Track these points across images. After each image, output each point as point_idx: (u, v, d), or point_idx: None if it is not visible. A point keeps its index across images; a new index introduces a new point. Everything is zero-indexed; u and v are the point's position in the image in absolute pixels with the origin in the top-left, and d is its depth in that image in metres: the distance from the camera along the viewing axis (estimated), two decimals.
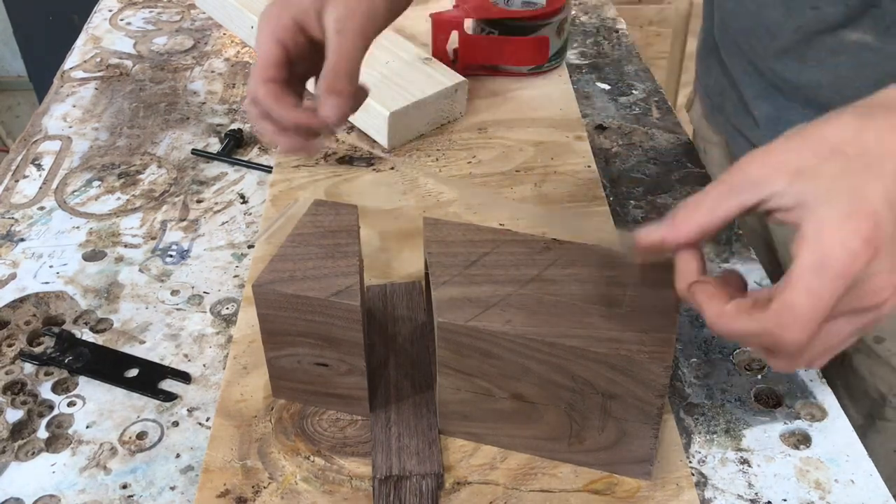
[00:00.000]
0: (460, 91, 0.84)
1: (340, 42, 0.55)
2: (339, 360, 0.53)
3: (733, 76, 0.79)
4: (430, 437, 0.53)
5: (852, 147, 0.40)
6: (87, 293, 0.66)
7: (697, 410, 0.57)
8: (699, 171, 0.80)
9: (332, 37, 0.55)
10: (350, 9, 0.56)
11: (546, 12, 0.88)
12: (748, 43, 0.74)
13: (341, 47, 0.55)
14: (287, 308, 0.51)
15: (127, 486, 0.52)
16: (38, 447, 0.55)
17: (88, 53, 1.00)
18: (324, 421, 0.55)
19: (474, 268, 0.52)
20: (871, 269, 0.39)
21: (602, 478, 0.52)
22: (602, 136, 0.85)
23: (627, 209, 0.75)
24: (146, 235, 0.72)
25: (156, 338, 0.63)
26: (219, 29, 1.05)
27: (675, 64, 2.09)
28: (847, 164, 0.40)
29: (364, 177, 0.78)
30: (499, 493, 0.51)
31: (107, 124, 0.88)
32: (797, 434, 0.56)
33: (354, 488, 0.51)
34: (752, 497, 0.52)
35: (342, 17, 0.55)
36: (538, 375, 0.49)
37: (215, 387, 0.59)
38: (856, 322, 0.41)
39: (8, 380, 0.59)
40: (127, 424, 0.56)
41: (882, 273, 0.39)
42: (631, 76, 0.95)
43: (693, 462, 0.54)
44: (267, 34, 0.56)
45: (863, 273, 0.39)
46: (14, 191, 0.78)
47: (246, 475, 0.52)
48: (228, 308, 0.65)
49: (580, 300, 0.49)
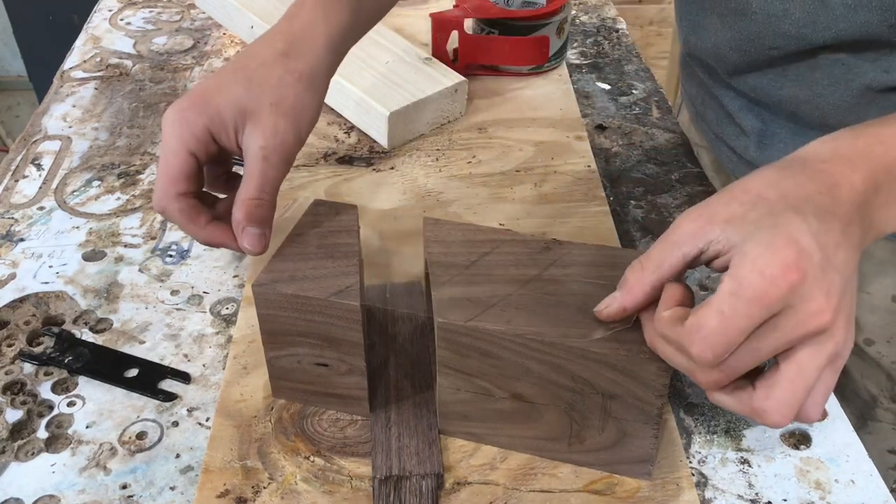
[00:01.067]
0: (460, 91, 0.84)
1: (265, 169, 0.52)
2: (339, 360, 0.53)
3: (712, 90, 0.79)
4: (430, 438, 0.53)
5: (773, 193, 0.43)
6: (86, 293, 0.66)
7: (697, 410, 0.57)
8: (699, 171, 0.80)
9: (254, 162, 0.52)
10: (278, 136, 0.52)
11: (546, 12, 0.88)
12: (717, 64, 0.75)
13: (265, 175, 0.52)
14: (287, 308, 0.51)
15: (127, 487, 0.52)
16: (37, 447, 0.55)
17: (88, 53, 1.00)
18: (324, 421, 0.55)
19: (474, 268, 0.52)
20: (800, 293, 0.40)
21: (602, 478, 0.52)
22: (602, 136, 0.85)
23: (627, 209, 0.75)
24: (146, 235, 0.72)
25: (155, 338, 0.63)
26: (219, 29, 1.05)
27: (675, 64, 2.09)
28: (770, 207, 0.42)
29: (364, 177, 0.78)
30: (499, 494, 0.51)
31: (106, 124, 0.88)
32: (797, 434, 0.55)
33: (354, 488, 0.51)
34: (752, 497, 0.52)
35: (269, 146, 0.52)
36: (538, 375, 0.49)
37: (215, 387, 0.59)
38: (816, 355, 0.42)
39: (8, 380, 0.59)
40: (127, 424, 0.56)
41: (816, 298, 0.40)
42: (631, 76, 0.95)
43: (693, 462, 0.54)
44: (177, 142, 0.52)
45: (790, 298, 0.40)
46: (14, 191, 0.78)
47: (246, 475, 0.52)
48: (228, 308, 0.65)
49: (580, 300, 0.49)
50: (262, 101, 0.52)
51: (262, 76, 0.53)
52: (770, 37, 0.66)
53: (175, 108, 0.53)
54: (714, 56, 0.74)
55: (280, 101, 0.53)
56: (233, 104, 0.52)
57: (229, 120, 0.52)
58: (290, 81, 0.53)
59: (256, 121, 0.52)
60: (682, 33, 0.79)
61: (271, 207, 0.52)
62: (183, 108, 0.53)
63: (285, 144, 0.53)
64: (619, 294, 0.46)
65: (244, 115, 0.52)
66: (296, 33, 0.55)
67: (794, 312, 0.41)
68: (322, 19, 0.56)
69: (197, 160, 0.53)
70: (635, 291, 0.45)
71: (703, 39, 0.74)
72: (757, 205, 0.43)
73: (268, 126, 0.52)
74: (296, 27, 0.56)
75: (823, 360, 0.42)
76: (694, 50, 0.78)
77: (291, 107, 0.53)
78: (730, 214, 0.43)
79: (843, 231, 0.43)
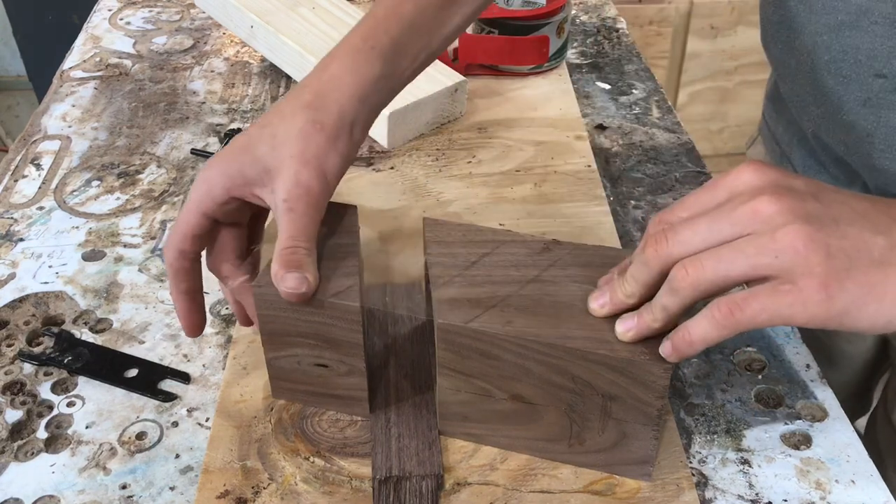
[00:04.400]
0: (460, 91, 0.84)
1: (292, 219, 0.51)
2: (338, 360, 0.53)
3: (804, 130, 0.72)
4: (429, 438, 0.53)
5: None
6: (86, 293, 0.66)
7: (698, 411, 0.57)
8: (699, 170, 0.80)
9: (281, 215, 0.51)
10: (301, 185, 0.51)
11: (546, 12, 0.88)
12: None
13: (294, 224, 0.51)
14: (287, 309, 0.51)
15: (126, 487, 0.52)
16: (37, 447, 0.55)
17: (88, 53, 1.00)
18: (324, 422, 0.55)
19: (474, 268, 0.52)
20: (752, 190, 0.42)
21: (602, 479, 0.52)
22: (602, 136, 0.85)
23: (627, 209, 0.75)
24: (146, 235, 0.72)
25: (155, 338, 0.63)
26: (218, 28, 1.05)
27: (675, 63, 2.09)
28: None
29: (364, 177, 0.78)
30: (499, 494, 0.51)
31: (106, 124, 0.87)
32: (798, 434, 0.55)
33: (354, 489, 0.51)
34: (752, 497, 0.52)
35: (292, 196, 0.51)
36: (538, 376, 0.49)
37: (215, 387, 0.59)
38: (757, 254, 0.41)
39: (7, 380, 0.59)
40: (126, 425, 0.56)
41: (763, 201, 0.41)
42: (631, 76, 0.95)
43: (693, 462, 0.54)
44: (194, 202, 0.53)
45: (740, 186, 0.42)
46: (13, 190, 0.78)
47: (246, 476, 0.52)
48: (228, 308, 0.65)
49: (580, 301, 0.49)
50: (283, 155, 0.52)
51: (285, 131, 0.53)
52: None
53: (206, 166, 0.54)
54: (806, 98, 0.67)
55: (301, 152, 0.52)
56: (256, 163, 0.52)
57: (254, 180, 0.53)
58: (312, 132, 0.53)
59: (278, 176, 0.52)
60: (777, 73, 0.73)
61: (308, 253, 0.51)
62: (210, 167, 0.53)
63: (311, 192, 0.52)
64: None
65: (268, 173, 0.52)
66: (323, 85, 0.55)
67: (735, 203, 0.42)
68: (350, 70, 0.55)
69: (211, 220, 0.54)
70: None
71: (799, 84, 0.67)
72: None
73: (289, 178, 0.51)
74: (324, 79, 0.55)
75: (761, 269, 0.41)
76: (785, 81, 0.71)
77: (314, 156, 0.52)
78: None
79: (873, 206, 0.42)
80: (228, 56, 1.00)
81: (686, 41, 2.06)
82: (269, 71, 0.96)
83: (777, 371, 0.60)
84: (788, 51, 0.66)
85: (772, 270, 0.41)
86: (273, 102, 0.91)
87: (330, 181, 0.53)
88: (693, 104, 2.12)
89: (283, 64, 0.90)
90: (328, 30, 0.89)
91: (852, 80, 0.61)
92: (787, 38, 0.66)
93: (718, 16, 2.04)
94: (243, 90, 0.93)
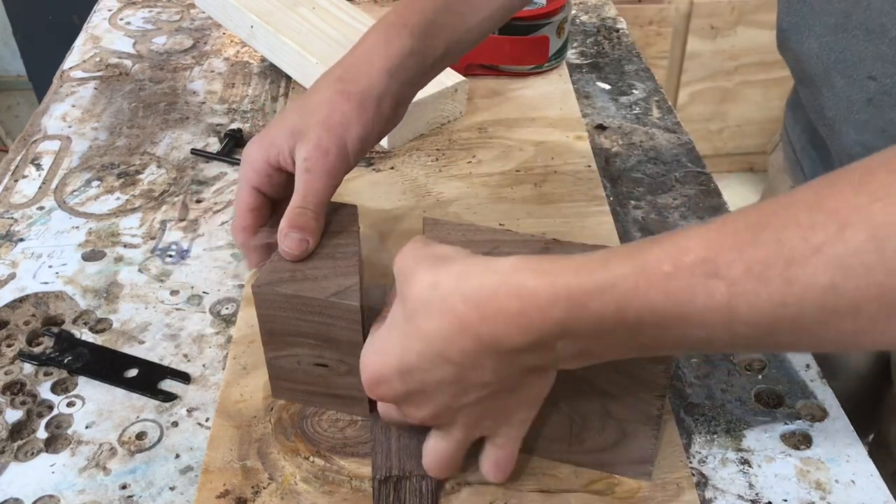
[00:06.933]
0: (460, 91, 0.84)
1: (308, 180, 0.54)
2: (338, 360, 0.53)
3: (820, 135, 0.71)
4: None
5: None
6: (86, 293, 0.66)
7: (698, 411, 0.57)
8: (699, 170, 0.80)
9: (299, 174, 0.55)
10: (321, 148, 0.54)
11: (546, 12, 0.88)
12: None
13: (308, 185, 0.54)
14: (287, 309, 0.51)
15: (126, 487, 0.52)
16: (37, 447, 0.55)
17: (88, 53, 1.00)
18: (323, 421, 0.55)
19: None
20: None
21: (602, 478, 0.52)
22: (602, 136, 0.85)
23: (627, 209, 0.75)
24: (146, 235, 0.72)
25: (155, 338, 0.63)
26: (218, 28, 1.05)
27: (675, 64, 2.09)
28: None
29: (364, 177, 0.78)
30: (499, 494, 0.51)
31: (106, 124, 0.87)
32: (798, 434, 0.55)
33: (354, 489, 0.51)
34: (752, 497, 0.52)
35: (311, 157, 0.54)
36: None
37: (215, 387, 0.59)
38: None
39: (7, 380, 0.59)
40: (126, 425, 0.56)
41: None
42: (631, 76, 0.95)
43: (693, 462, 0.54)
44: (242, 179, 0.57)
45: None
46: (13, 191, 0.78)
47: (245, 476, 0.52)
48: (228, 308, 0.65)
49: None
50: (311, 121, 0.55)
51: (315, 101, 0.56)
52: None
53: (249, 144, 0.57)
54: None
55: (326, 118, 0.55)
56: (286, 130, 0.55)
57: (284, 145, 0.55)
58: (339, 100, 0.55)
59: (303, 138, 0.55)
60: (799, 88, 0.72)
61: (315, 217, 0.54)
62: (249, 146, 0.57)
63: (328, 156, 0.54)
64: None
65: (295, 137, 0.55)
66: (355, 59, 0.58)
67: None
68: (382, 45, 0.57)
69: (262, 194, 0.57)
70: None
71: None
72: None
73: (311, 140, 0.54)
74: (356, 54, 0.58)
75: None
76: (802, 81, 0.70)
77: (338, 123, 0.55)
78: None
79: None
80: (228, 56, 1.00)
81: (686, 41, 2.06)
82: (269, 71, 0.96)
83: (777, 371, 0.60)
84: (800, 54, 0.67)
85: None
86: (273, 103, 0.91)
87: (348, 150, 0.56)
88: (693, 104, 2.13)
89: (283, 64, 0.91)
90: (328, 30, 0.89)
91: (855, 80, 0.61)
92: (797, 42, 0.66)
93: (718, 16, 2.04)
94: (243, 90, 0.93)
